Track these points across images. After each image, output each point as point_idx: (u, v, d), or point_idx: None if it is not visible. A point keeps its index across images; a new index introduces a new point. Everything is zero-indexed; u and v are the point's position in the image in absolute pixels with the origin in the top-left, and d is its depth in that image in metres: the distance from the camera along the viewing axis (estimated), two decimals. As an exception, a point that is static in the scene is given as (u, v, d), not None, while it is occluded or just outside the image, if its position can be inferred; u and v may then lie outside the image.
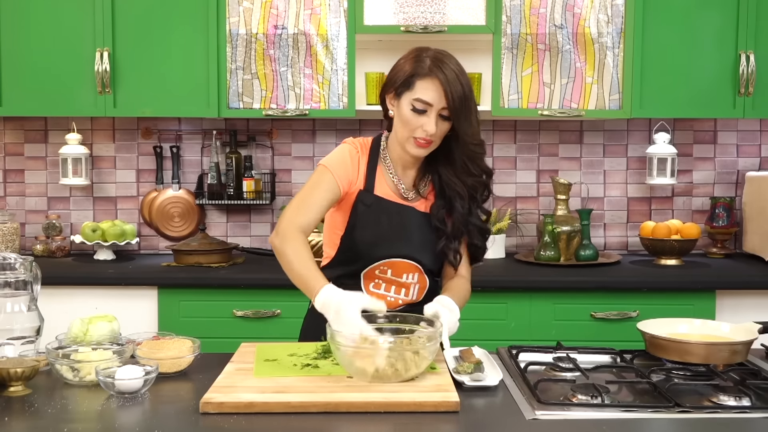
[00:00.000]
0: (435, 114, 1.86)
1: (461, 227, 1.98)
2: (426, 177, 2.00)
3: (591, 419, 1.47)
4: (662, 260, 3.33)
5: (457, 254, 2.00)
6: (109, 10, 3.23)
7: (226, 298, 3.03)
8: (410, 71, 1.87)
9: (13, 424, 1.45)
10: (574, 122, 3.61)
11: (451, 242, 1.98)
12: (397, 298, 1.99)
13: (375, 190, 1.97)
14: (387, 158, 1.99)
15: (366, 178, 1.96)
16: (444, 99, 1.84)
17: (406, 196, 1.99)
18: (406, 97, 1.88)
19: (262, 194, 3.54)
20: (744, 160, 3.65)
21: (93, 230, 3.36)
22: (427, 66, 1.85)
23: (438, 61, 1.86)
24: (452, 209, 1.97)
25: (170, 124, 3.64)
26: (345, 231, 1.97)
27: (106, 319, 1.84)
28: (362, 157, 1.98)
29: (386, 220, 1.96)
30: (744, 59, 3.20)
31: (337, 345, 1.63)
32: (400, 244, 1.96)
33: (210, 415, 1.47)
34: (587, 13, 3.22)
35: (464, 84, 1.85)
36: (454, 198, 1.96)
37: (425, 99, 1.85)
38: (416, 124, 1.87)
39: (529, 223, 3.64)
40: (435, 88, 1.84)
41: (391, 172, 1.99)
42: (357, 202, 1.95)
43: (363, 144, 2.01)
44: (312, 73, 3.26)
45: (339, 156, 1.96)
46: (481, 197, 2.00)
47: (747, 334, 1.83)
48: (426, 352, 1.62)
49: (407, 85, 1.87)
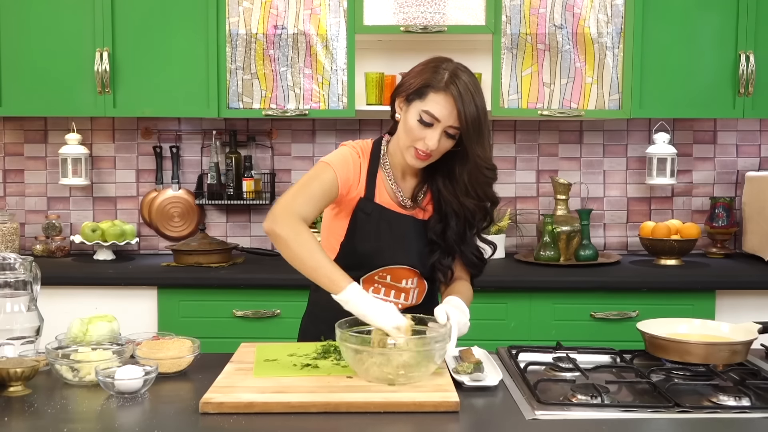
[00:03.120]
0: (441, 130, 1.81)
1: (454, 245, 1.96)
2: (424, 187, 1.98)
3: (591, 419, 1.47)
4: (662, 260, 3.33)
5: (449, 270, 1.98)
6: (109, 10, 3.23)
7: (226, 298, 3.03)
8: (425, 81, 1.82)
9: (13, 424, 1.45)
10: (574, 122, 3.61)
11: (444, 258, 1.97)
12: (396, 302, 1.99)
13: (375, 198, 1.94)
14: (387, 164, 1.96)
15: (366, 185, 1.93)
16: (454, 117, 1.80)
17: (404, 204, 1.96)
18: (415, 105, 1.83)
19: (261, 194, 3.54)
20: (744, 160, 3.65)
21: (93, 230, 3.36)
22: (444, 80, 1.80)
23: (455, 76, 1.80)
24: (447, 226, 1.94)
25: (170, 124, 3.64)
26: (345, 238, 1.95)
27: (106, 319, 1.84)
28: (363, 163, 1.94)
29: (387, 229, 1.94)
30: (744, 59, 3.20)
31: (347, 346, 1.62)
32: (401, 253, 1.95)
33: (210, 415, 1.47)
34: (587, 13, 3.22)
35: (478, 105, 1.80)
36: (450, 215, 1.94)
37: (434, 113, 1.80)
38: (419, 136, 1.82)
39: (529, 223, 3.64)
40: (447, 104, 1.79)
41: (390, 179, 1.96)
42: (357, 210, 1.93)
43: (363, 149, 1.97)
44: (312, 73, 3.26)
45: (341, 157, 1.92)
46: (479, 224, 1.96)
47: (747, 334, 1.83)
48: (436, 353, 1.62)
49: (419, 95, 1.82)
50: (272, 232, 1.78)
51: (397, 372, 1.58)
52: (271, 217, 1.79)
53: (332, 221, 1.99)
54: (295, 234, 1.76)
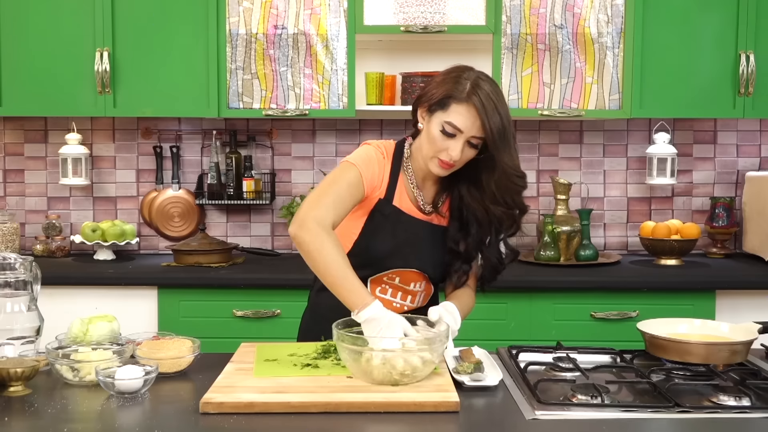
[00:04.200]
0: (464, 140, 1.80)
1: (472, 253, 1.97)
2: (445, 193, 1.97)
3: (591, 419, 1.47)
4: (662, 260, 3.33)
5: (465, 275, 1.99)
6: (109, 10, 3.23)
7: (226, 298, 3.03)
8: (447, 92, 1.80)
9: (13, 424, 1.45)
10: (574, 122, 3.61)
11: (461, 265, 1.97)
12: (402, 304, 1.99)
13: (394, 201, 1.93)
14: (409, 168, 1.94)
15: (388, 187, 1.92)
16: (477, 128, 1.79)
17: (424, 209, 1.96)
18: (438, 116, 1.81)
19: (262, 194, 3.54)
20: (744, 160, 3.65)
21: (93, 230, 3.36)
22: (466, 90, 1.78)
23: (477, 86, 1.79)
24: (467, 234, 1.94)
25: (170, 124, 3.64)
26: (359, 237, 1.94)
27: (106, 319, 1.84)
28: (387, 164, 1.92)
29: (402, 232, 1.93)
30: (744, 59, 3.20)
31: (344, 347, 1.62)
32: (413, 257, 1.95)
33: (210, 415, 1.47)
34: (587, 13, 3.22)
35: (502, 114, 1.79)
36: (471, 223, 1.93)
37: (457, 124, 1.79)
38: (442, 147, 1.81)
39: (529, 223, 3.64)
40: (470, 115, 1.78)
41: (412, 183, 1.94)
42: (375, 211, 1.92)
43: (387, 149, 1.94)
44: (312, 73, 3.26)
45: (366, 157, 1.89)
46: (506, 231, 1.94)
47: (747, 334, 1.83)
48: (435, 354, 1.62)
49: (442, 106, 1.81)
50: (298, 237, 1.75)
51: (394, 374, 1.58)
52: (297, 222, 1.76)
53: (349, 218, 1.94)
54: (320, 243, 1.73)
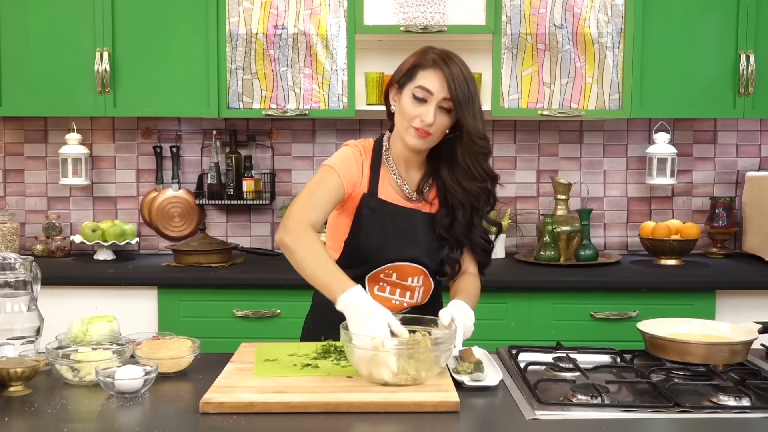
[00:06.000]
0: (435, 104, 1.85)
1: (462, 238, 1.97)
2: (429, 180, 1.99)
3: (591, 419, 1.47)
4: (662, 260, 3.33)
5: (456, 264, 1.99)
6: (109, 10, 3.23)
7: (226, 298, 3.03)
8: (414, 63, 1.89)
9: (13, 424, 1.45)
10: (574, 122, 3.61)
11: (453, 252, 1.97)
12: (402, 301, 1.99)
13: (379, 194, 1.95)
14: (390, 159, 1.98)
15: (369, 181, 1.95)
16: (446, 90, 1.84)
17: (410, 196, 1.97)
18: (407, 87, 1.88)
19: (262, 194, 3.54)
20: (744, 160, 3.65)
21: (93, 230, 3.36)
22: (431, 59, 1.87)
23: (444, 55, 1.87)
24: (454, 219, 1.95)
25: (170, 124, 3.64)
26: (349, 235, 1.96)
27: (106, 319, 1.84)
28: (365, 160, 1.96)
29: (391, 223, 1.94)
30: (744, 59, 3.20)
31: (352, 348, 1.61)
32: (406, 247, 1.95)
33: (210, 415, 1.47)
34: (587, 13, 3.22)
35: (468, 79, 1.85)
36: (456, 207, 1.95)
37: (426, 86, 1.85)
38: (415, 113, 1.86)
39: (529, 223, 3.64)
40: (437, 78, 1.85)
41: (394, 173, 1.97)
42: (361, 206, 1.94)
43: (365, 146, 1.99)
44: (312, 73, 3.26)
45: (343, 157, 1.94)
46: (484, 206, 1.97)
47: (747, 334, 1.83)
48: (440, 356, 1.61)
49: (410, 76, 1.88)
50: (281, 242, 1.81)
51: (400, 373, 1.57)
52: (282, 228, 1.82)
53: (336, 219, 1.99)
54: (300, 241, 1.78)
